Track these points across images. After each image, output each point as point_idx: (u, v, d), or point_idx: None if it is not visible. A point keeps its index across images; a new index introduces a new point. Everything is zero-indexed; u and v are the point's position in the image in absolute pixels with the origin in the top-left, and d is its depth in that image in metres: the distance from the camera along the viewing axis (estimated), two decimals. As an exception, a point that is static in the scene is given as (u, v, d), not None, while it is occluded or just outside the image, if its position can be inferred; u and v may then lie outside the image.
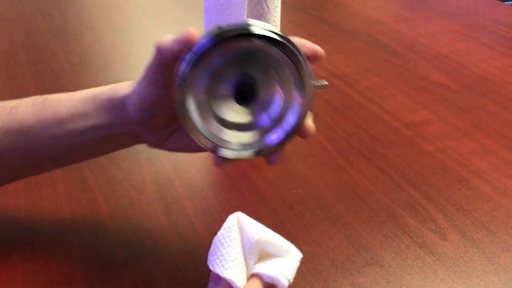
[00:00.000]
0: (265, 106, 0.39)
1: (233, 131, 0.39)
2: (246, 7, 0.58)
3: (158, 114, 0.41)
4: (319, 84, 0.41)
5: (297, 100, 0.38)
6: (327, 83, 0.42)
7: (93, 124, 0.42)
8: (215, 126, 0.38)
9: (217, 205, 0.52)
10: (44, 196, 0.53)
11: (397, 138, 0.62)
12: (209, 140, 0.38)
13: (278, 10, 0.61)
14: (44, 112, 0.42)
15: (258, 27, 0.36)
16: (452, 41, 0.87)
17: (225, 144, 0.38)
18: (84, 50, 0.86)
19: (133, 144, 0.45)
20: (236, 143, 0.39)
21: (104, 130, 0.42)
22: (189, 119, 0.37)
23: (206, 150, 0.39)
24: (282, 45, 0.36)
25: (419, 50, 0.84)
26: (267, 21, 0.60)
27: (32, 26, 0.95)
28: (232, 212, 0.39)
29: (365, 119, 0.66)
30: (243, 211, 0.51)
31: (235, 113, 0.39)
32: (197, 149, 0.42)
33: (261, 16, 0.60)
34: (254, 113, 0.39)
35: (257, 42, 0.36)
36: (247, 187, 0.54)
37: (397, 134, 0.63)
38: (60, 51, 0.85)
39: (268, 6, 0.59)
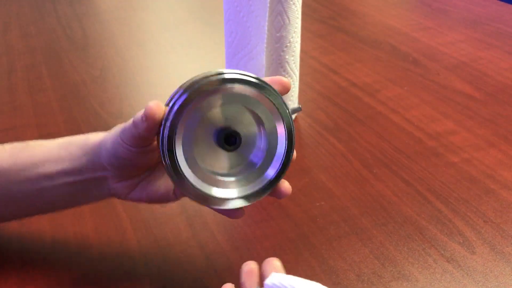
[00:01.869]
0: (253, 146, 0.39)
1: (228, 177, 0.39)
2: (267, 18, 0.58)
3: (130, 165, 0.41)
4: (294, 108, 0.42)
5: (280, 130, 0.39)
6: (300, 106, 0.45)
7: (64, 168, 0.42)
8: (212, 180, 0.38)
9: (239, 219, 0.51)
10: (68, 211, 0.53)
11: (421, 149, 0.61)
12: (212, 197, 0.38)
13: (299, 21, 0.61)
14: (20, 155, 0.43)
15: (229, 73, 0.37)
16: (474, 50, 0.86)
17: (228, 195, 0.39)
18: (105, 63, 0.86)
19: (102, 194, 0.44)
20: (237, 190, 0.39)
21: (74, 175, 0.42)
22: (182, 179, 0.37)
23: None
24: (252, 84, 0.37)
25: (440, 59, 0.83)
26: (288, 32, 0.60)
27: (53, 40, 0.97)
28: (255, 226, 0.38)
29: (387, 130, 0.65)
30: (265, 225, 0.51)
31: (226, 160, 0.39)
32: (166, 199, 0.43)
33: (281, 27, 0.60)
34: (244, 156, 0.40)
35: (230, 86, 0.37)
36: (268, 201, 0.53)
37: (421, 145, 0.62)
38: (80, 64, 0.86)
39: (288, 17, 0.59)
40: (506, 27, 0.94)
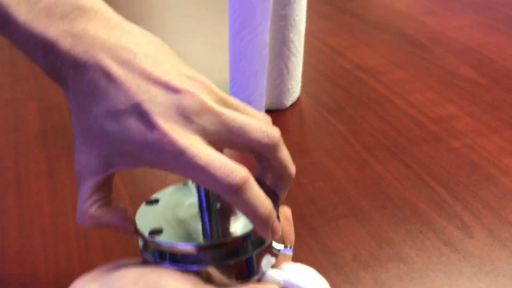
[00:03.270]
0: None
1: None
2: (272, -3, 0.58)
3: None
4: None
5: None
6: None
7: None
8: None
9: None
10: (67, 184, 0.53)
11: (423, 133, 0.61)
12: None
13: (304, 0, 0.60)
14: None
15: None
16: (481, 35, 0.85)
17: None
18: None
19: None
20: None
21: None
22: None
23: None
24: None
25: (446, 43, 0.82)
26: (293, 11, 0.59)
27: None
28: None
29: (390, 113, 0.64)
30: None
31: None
32: None
33: (286, 5, 0.59)
34: None
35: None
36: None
37: (423, 129, 0.61)
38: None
39: (294, -4, 0.58)
40: (515, 13, 0.93)
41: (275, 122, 0.63)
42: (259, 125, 0.30)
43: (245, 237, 0.29)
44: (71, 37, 0.29)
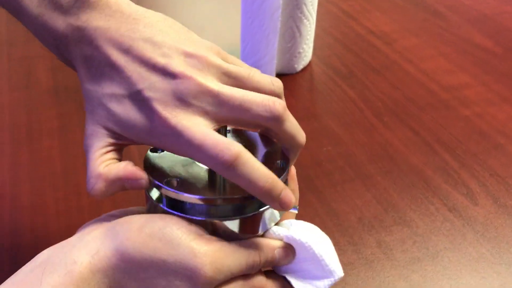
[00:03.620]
0: None
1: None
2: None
3: None
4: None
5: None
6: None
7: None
8: None
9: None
10: (80, 151, 0.54)
11: (434, 100, 0.60)
12: None
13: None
14: None
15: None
16: (499, 3, 0.83)
17: None
18: None
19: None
20: None
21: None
22: None
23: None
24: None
25: (462, 11, 0.81)
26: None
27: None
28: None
29: (401, 80, 0.64)
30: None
31: None
32: None
33: (300, -33, 0.58)
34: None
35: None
36: (277, 142, 0.54)
37: (434, 97, 0.61)
38: None
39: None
40: (535, -18, 0.91)
41: (285, 87, 0.63)
42: (261, 99, 0.30)
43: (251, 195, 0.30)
44: (77, 30, 0.31)
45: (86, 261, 0.28)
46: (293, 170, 0.35)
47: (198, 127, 0.29)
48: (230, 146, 0.28)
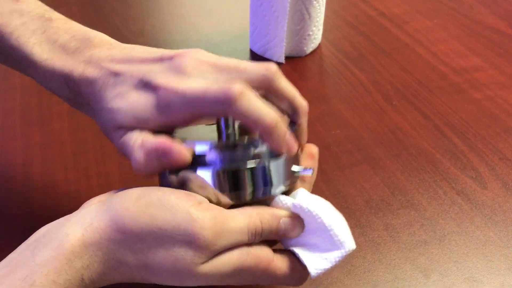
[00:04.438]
0: None
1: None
2: None
3: None
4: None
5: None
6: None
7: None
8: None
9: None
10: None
11: (444, 84, 0.60)
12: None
13: None
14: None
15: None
16: (514, -16, 0.82)
17: None
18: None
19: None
20: None
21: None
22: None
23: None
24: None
25: (476, -8, 0.79)
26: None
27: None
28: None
29: (412, 63, 0.63)
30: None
31: None
32: None
33: None
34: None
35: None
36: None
37: (445, 80, 0.60)
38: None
39: None
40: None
41: (294, 69, 0.63)
42: (253, 63, 0.32)
43: (257, 141, 0.31)
44: (83, 63, 0.34)
45: (79, 234, 0.28)
46: (315, 148, 0.36)
47: (199, 81, 0.31)
48: (235, 84, 0.30)
